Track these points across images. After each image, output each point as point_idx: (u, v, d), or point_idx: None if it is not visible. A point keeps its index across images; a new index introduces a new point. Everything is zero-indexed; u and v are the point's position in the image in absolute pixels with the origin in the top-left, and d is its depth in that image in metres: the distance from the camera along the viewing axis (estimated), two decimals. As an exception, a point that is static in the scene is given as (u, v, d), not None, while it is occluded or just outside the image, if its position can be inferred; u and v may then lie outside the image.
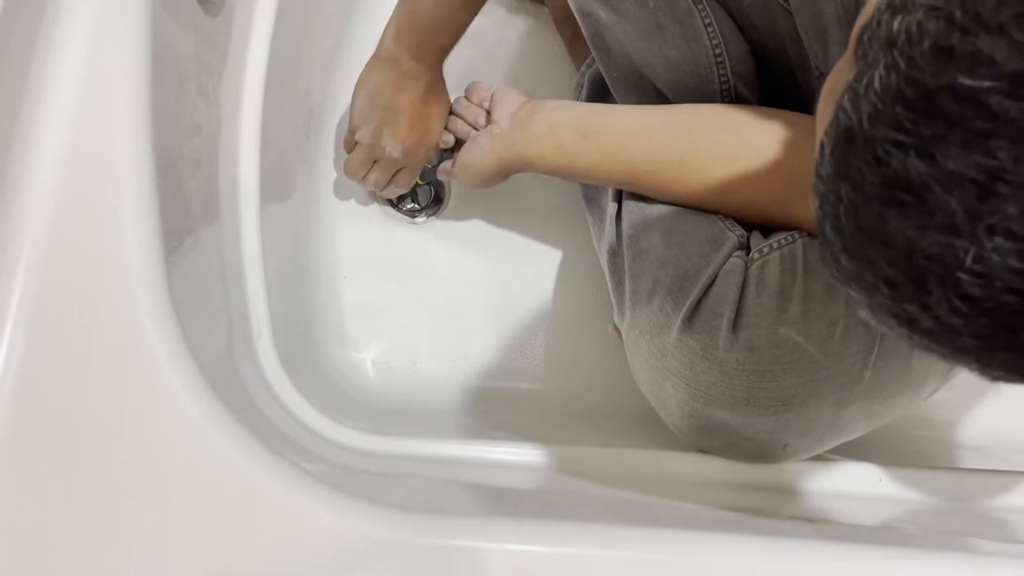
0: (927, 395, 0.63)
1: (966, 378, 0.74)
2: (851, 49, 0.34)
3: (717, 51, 0.69)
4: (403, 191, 0.84)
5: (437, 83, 0.78)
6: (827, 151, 0.32)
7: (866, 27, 0.32)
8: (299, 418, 0.61)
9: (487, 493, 0.57)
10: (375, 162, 0.79)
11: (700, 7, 0.67)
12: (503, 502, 0.55)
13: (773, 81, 0.73)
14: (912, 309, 0.30)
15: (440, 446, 0.63)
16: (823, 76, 0.67)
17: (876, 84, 0.29)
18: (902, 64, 0.28)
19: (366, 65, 0.76)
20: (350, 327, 0.84)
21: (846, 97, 0.31)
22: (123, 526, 0.45)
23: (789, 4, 0.67)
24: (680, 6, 0.67)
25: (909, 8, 0.29)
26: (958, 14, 0.27)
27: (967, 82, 0.26)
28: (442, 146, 0.80)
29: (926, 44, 0.28)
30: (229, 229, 0.62)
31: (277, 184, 0.73)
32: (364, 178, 0.80)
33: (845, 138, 0.30)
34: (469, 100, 0.78)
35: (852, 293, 0.33)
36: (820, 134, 0.34)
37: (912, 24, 0.28)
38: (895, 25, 0.29)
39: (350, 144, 0.79)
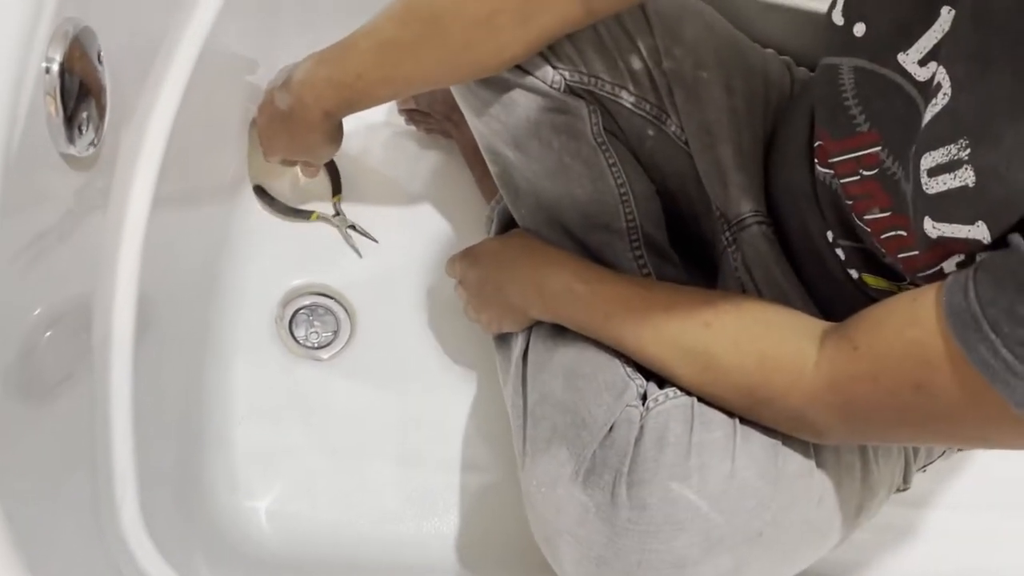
0: (837, 542, 0.61)
1: (887, 519, 0.73)
2: None
3: (622, 191, 0.69)
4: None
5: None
6: None
7: None
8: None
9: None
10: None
11: (604, 148, 0.68)
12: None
13: (679, 220, 0.74)
14: None
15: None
16: (723, 216, 0.68)
17: None
18: None
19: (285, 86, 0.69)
20: (243, 473, 0.79)
21: None
22: None
23: (689, 147, 0.69)
24: (584, 147, 0.67)
25: None
26: None
27: None
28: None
29: None
30: (99, 387, 0.57)
31: (164, 327, 0.69)
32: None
33: None
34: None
35: None
36: None
37: None
38: None
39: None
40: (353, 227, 0.89)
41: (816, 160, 0.58)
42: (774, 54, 0.76)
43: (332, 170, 0.89)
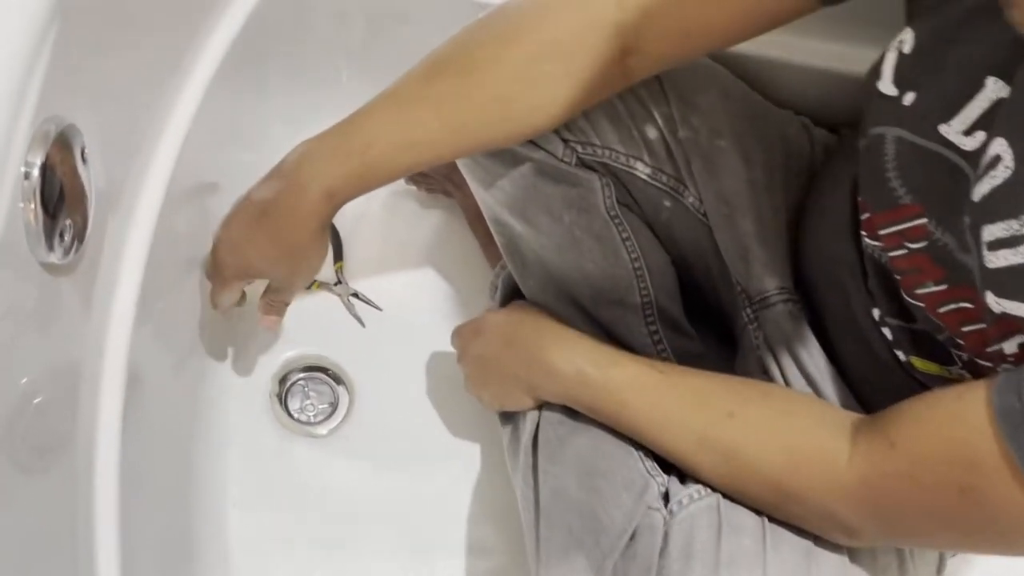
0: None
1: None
2: None
3: (636, 264, 0.66)
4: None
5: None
6: None
7: None
8: None
9: None
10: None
11: (617, 221, 0.65)
12: None
13: (696, 290, 0.70)
14: None
15: None
16: (744, 292, 0.65)
17: None
18: None
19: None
20: (236, 564, 0.74)
21: None
22: None
23: (708, 219, 0.66)
24: (597, 222, 0.64)
25: None
26: None
27: None
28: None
29: None
30: (83, 470, 0.53)
31: (153, 405, 0.65)
32: None
33: None
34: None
35: None
36: None
37: None
38: None
39: None
40: (356, 295, 0.85)
41: (864, 232, 0.55)
42: (791, 115, 0.73)
43: (334, 235, 0.85)
